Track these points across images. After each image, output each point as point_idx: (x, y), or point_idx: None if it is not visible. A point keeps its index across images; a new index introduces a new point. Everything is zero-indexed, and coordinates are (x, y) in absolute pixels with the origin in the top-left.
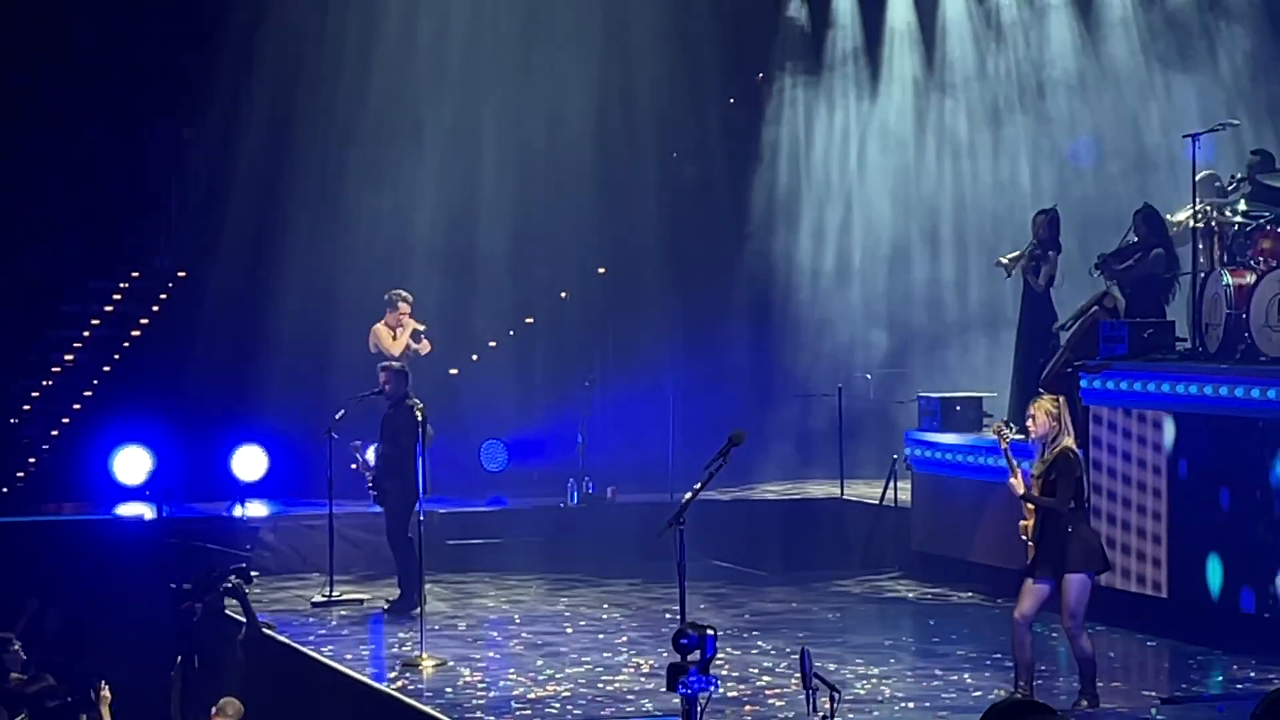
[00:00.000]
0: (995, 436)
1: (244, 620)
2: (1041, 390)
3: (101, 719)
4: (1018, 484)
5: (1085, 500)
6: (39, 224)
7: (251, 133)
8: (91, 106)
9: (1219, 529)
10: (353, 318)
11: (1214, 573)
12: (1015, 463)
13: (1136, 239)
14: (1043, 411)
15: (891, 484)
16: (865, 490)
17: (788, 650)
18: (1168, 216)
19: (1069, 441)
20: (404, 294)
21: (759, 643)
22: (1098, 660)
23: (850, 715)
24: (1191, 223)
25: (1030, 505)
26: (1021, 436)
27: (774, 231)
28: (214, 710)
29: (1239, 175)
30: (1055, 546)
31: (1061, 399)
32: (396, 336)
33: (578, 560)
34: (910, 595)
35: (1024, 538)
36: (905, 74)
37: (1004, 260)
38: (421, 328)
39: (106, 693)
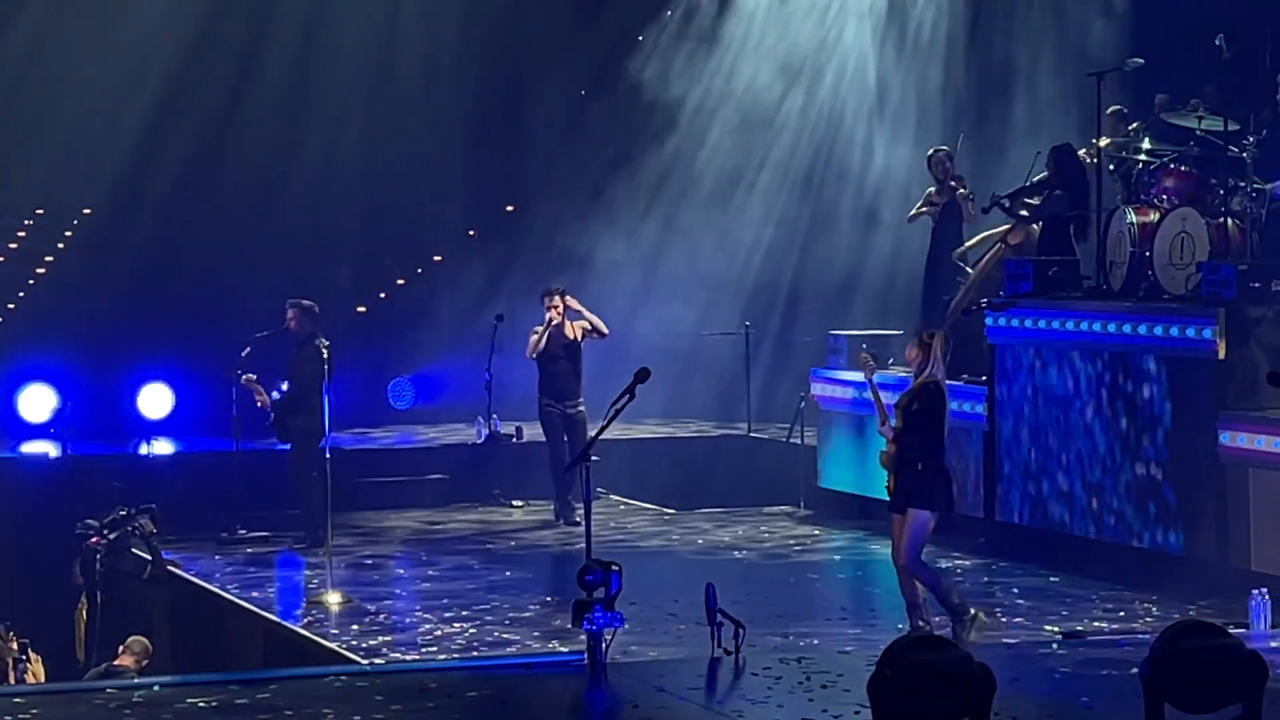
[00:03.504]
0: (862, 368)
1: (149, 558)
2: (944, 325)
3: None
4: (885, 430)
5: (943, 438)
6: None
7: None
8: None
9: (1123, 466)
10: (261, 254)
11: (1115, 509)
12: (882, 400)
13: (1045, 175)
14: (915, 346)
15: (799, 422)
16: (774, 428)
17: (693, 586)
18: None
19: (935, 376)
20: (551, 288)
21: (665, 579)
22: (998, 595)
23: (754, 650)
24: (1091, 159)
25: (891, 438)
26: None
27: (680, 162)
28: (121, 649)
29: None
30: (906, 480)
31: (938, 335)
32: (544, 330)
33: (485, 497)
34: (816, 532)
35: (884, 465)
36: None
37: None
38: (575, 306)
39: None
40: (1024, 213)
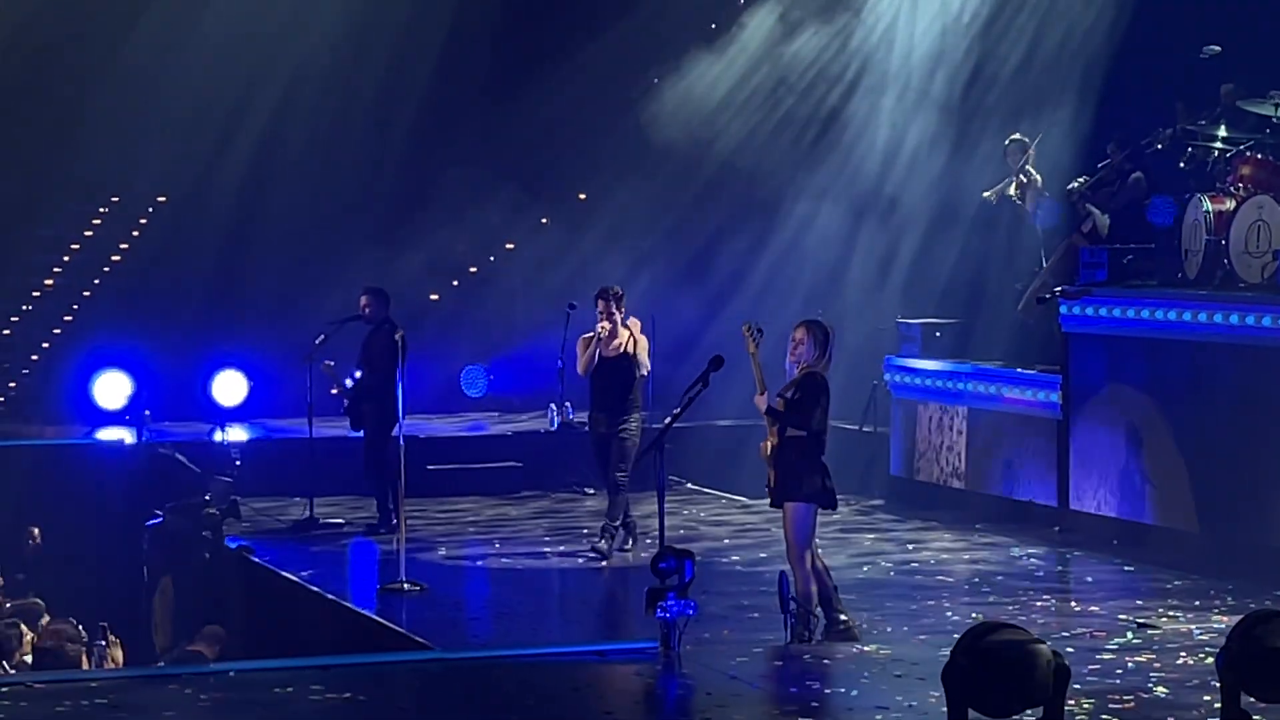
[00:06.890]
0: (746, 337)
1: (212, 539)
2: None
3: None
4: (761, 400)
5: (824, 432)
6: (8, 148)
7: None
8: (71, 27)
9: (1197, 455)
10: (336, 241)
11: (1189, 498)
12: (763, 375)
13: (1111, 164)
14: (811, 336)
15: (871, 410)
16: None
17: (766, 575)
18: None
19: (819, 367)
20: (604, 289)
21: (738, 568)
22: (1069, 583)
23: (827, 638)
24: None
25: (773, 428)
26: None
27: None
28: (197, 636)
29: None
30: (783, 472)
31: (830, 326)
32: (591, 346)
33: (557, 485)
34: (888, 521)
35: (764, 458)
36: None
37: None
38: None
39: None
40: (1092, 206)
